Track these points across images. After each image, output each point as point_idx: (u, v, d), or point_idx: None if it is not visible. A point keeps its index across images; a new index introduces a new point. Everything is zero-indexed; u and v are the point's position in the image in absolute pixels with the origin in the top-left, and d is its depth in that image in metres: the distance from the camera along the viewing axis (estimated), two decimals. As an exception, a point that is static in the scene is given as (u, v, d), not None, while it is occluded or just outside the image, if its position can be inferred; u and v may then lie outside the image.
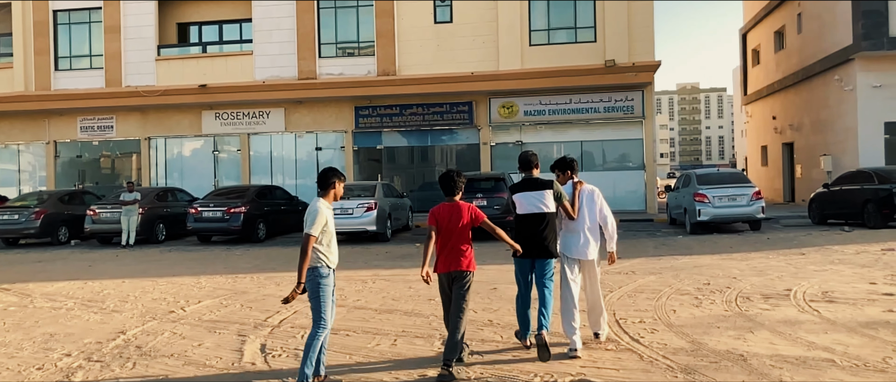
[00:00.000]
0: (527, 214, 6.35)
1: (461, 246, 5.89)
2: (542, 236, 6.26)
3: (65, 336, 7.74)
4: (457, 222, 5.88)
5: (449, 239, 5.89)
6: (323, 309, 5.41)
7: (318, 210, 5.40)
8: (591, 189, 6.65)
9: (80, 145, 28.30)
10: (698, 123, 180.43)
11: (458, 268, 5.87)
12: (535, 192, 6.34)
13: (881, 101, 23.07)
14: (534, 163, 6.54)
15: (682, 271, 11.12)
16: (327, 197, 5.57)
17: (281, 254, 15.84)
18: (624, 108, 24.14)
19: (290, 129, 26.51)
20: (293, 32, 25.41)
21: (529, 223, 6.31)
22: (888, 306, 7.87)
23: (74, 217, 20.08)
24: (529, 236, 6.28)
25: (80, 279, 12.38)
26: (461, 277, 5.88)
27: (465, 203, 6.02)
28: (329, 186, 5.56)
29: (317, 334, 5.38)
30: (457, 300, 5.87)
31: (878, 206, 16.65)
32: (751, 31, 36.28)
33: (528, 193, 6.37)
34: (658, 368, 5.77)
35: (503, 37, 24.19)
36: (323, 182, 5.58)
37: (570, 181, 6.72)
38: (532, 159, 6.57)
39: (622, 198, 23.79)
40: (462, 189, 6.06)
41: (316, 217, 5.37)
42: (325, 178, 5.59)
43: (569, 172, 6.77)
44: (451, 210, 5.93)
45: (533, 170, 6.52)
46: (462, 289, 5.88)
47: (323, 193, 5.58)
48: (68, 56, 27.36)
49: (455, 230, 5.87)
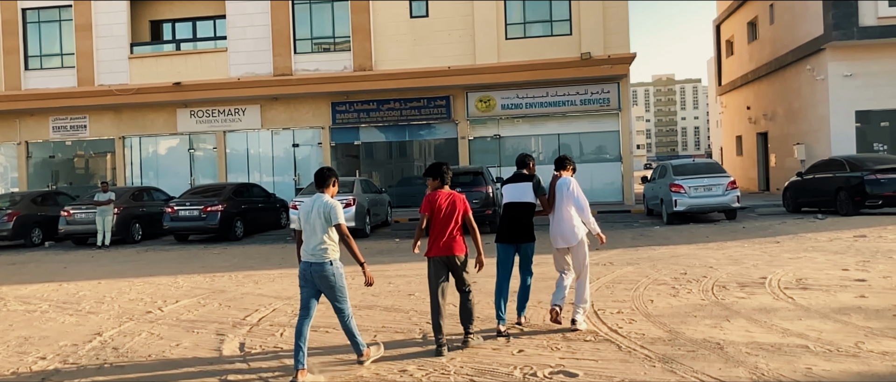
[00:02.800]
0: (512, 202, 7.11)
1: (455, 233, 6.36)
2: (524, 223, 7.05)
3: (39, 339, 7.64)
4: (455, 209, 6.36)
5: (447, 225, 6.32)
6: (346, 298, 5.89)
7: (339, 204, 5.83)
8: (565, 179, 7.14)
9: (52, 146, 27.90)
10: (674, 115, 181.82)
11: (456, 253, 6.34)
12: (520, 184, 7.13)
13: (852, 90, 23.41)
14: (527, 163, 7.31)
15: (659, 261, 11.22)
16: (328, 193, 5.88)
17: (259, 252, 15.76)
18: (600, 100, 24.27)
19: (267, 126, 26.33)
20: (268, 29, 25.21)
21: (514, 210, 7.09)
22: (860, 292, 8.01)
23: (48, 218, 19.80)
24: (514, 222, 7.06)
25: (54, 281, 12.22)
26: (458, 260, 6.36)
27: (460, 194, 6.52)
28: (329, 183, 5.88)
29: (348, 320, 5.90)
30: (460, 282, 6.41)
31: (850, 194, 16.91)
32: (724, 23, 36.62)
33: (515, 184, 7.17)
34: (636, 358, 5.83)
35: (479, 31, 24.19)
36: (324, 181, 5.87)
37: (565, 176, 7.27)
38: (526, 160, 7.35)
39: (600, 190, 23.93)
40: (449, 180, 6.55)
41: (341, 210, 5.79)
42: (326, 176, 5.88)
43: (570, 168, 7.36)
44: (448, 198, 6.39)
45: (524, 169, 7.27)
46: (462, 270, 6.41)
47: (324, 190, 5.87)
48: (39, 55, 26.92)
49: (453, 217, 6.35)
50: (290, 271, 12.17)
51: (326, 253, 5.70)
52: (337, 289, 5.78)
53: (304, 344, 5.67)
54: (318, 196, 5.83)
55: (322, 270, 5.70)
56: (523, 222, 7.03)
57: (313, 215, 5.76)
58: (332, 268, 5.72)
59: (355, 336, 5.94)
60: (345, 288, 5.85)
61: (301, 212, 5.88)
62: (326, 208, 5.73)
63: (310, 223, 5.77)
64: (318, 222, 5.72)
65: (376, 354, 6.04)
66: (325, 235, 5.72)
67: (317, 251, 5.72)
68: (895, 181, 16.49)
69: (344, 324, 5.92)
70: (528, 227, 7.04)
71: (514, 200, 7.09)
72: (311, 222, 5.76)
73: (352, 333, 5.92)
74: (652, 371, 5.46)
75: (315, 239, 5.73)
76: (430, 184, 6.54)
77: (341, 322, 5.93)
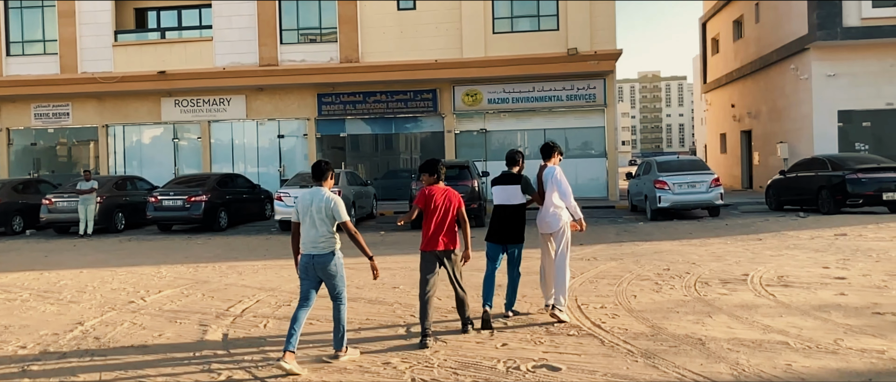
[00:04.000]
0: (501, 204, 7.19)
1: (451, 227, 6.54)
2: (513, 224, 7.12)
3: (20, 328, 7.58)
4: (451, 205, 6.54)
5: (444, 220, 6.49)
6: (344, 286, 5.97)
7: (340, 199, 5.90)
8: (550, 169, 7.28)
9: (34, 133, 27.58)
10: (659, 111, 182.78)
11: (451, 247, 6.53)
12: (510, 186, 7.18)
13: (835, 89, 23.63)
14: (517, 161, 7.32)
15: (642, 257, 11.29)
16: (326, 186, 5.97)
17: (243, 243, 15.69)
18: (586, 96, 24.33)
19: (252, 116, 26.18)
20: (254, 18, 25.03)
21: (503, 212, 7.16)
22: (840, 289, 8.11)
23: (29, 206, 19.57)
24: (504, 223, 7.13)
25: (35, 270, 12.10)
26: (452, 254, 6.55)
27: (455, 191, 6.71)
28: (327, 176, 5.97)
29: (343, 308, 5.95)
30: (453, 275, 6.56)
31: (831, 192, 17.09)
32: (710, 21, 36.81)
33: (504, 186, 7.21)
34: (619, 353, 5.86)
35: (467, 24, 24.16)
36: (322, 173, 5.95)
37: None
38: (516, 157, 7.35)
39: (584, 185, 23.99)
40: (444, 176, 6.74)
41: (343, 206, 5.86)
42: (324, 169, 5.97)
43: (557, 156, 7.42)
44: (444, 194, 6.54)
45: (514, 167, 7.29)
46: (456, 263, 6.59)
47: (322, 182, 5.94)
48: (20, 41, 26.58)
49: (450, 211, 6.52)
50: (274, 262, 12.14)
51: (328, 245, 5.78)
52: (338, 278, 5.87)
53: (299, 329, 5.74)
54: (317, 189, 5.87)
55: (324, 261, 5.78)
56: (513, 224, 7.11)
57: (313, 209, 5.78)
58: (335, 259, 5.82)
59: (342, 329, 5.92)
60: (345, 277, 5.97)
61: (299, 205, 5.88)
62: (328, 203, 5.77)
63: (309, 216, 5.80)
64: (318, 216, 5.76)
65: (353, 355, 5.98)
66: (326, 227, 5.77)
67: (318, 244, 5.77)
68: (876, 181, 16.71)
69: (337, 313, 5.92)
70: (518, 228, 7.13)
71: (504, 202, 7.16)
72: (311, 216, 5.79)
73: (341, 324, 5.91)
74: (634, 366, 5.50)
75: (315, 232, 5.77)
76: (426, 179, 6.65)
77: (335, 310, 5.92)
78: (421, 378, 5.40)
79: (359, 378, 5.46)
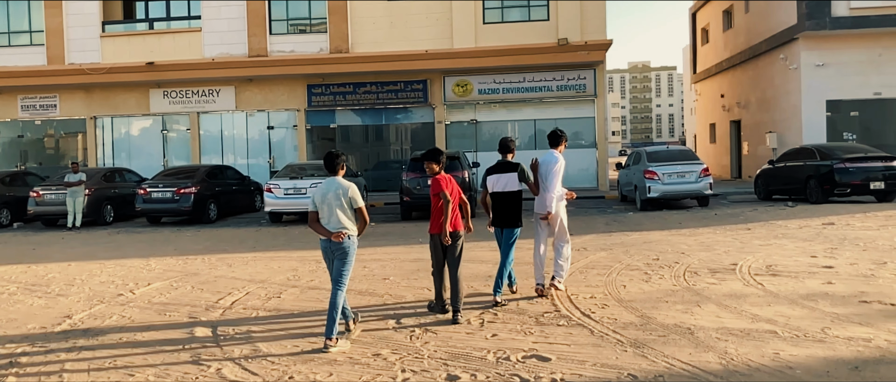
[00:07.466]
0: (498, 192, 7.53)
1: (457, 212, 6.99)
2: (511, 209, 7.51)
3: (7, 322, 7.53)
4: (456, 190, 6.97)
5: (452, 205, 6.87)
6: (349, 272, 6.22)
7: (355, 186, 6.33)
8: (547, 157, 7.71)
9: (21, 125, 27.36)
10: (649, 102, 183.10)
11: (458, 229, 6.98)
12: (506, 174, 7.51)
13: (824, 79, 23.73)
14: (510, 148, 7.68)
15: (632, 246, 11.33)
16: (339, 174, 6.33)
17: (232, 235, 15.64)
18: (576, 86, 24.34)
19: (241, 107, 26.05)
20: (243, 8, 24.88)
21: (501, 199, 7.54)
22: (827, 278, 8.16)
23: (17, 199, 19.42)
24: (500, 209, 7.53)
25: (23, 263, 12.03)
26: (458, 235, 6.97)
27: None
28: (339, 166, 6.33)
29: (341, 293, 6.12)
30: (456, 257, 6.91)
31: (819, 182, 17.18)
32: (700, 11, 36.86)
33: (500, 175, 7.54)
34: (608, 342, 5.89)
35: (457, 15, 24.09)
36: (334, 164, 6.32)
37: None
38: (510, 144, 7.72)
39: (574, 175, 23.99)
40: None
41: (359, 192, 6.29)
42: (336, 159, 6.34)
43: (564, 142, 7.91)
44: (450, 181, 6.95)
45: (508, 154, 7.64)
46: (461, 246, 6.98)
47: (335, 172, 6.31)
48: (6, 32, 26.34)
49: (457, 198, 6.97)
50: (264, 254, 12.11)
51: (347, 229, 6.12)
52: (347, 263, 6.16)
53: (337, 315, 6.01)
54: (332, 179, 6.26)
55: (341, 244, 6.10)
56: (510, 209, 7.51)
57: (330, 196, 6.13)
58: (351, 242, 6.16)
59: (336, 316, 6.00)
60: (354, 260, 6.26)
61: (317, 194, 6.22)
62: (345, 190, 6.15)
63: (327, 204, 6.13)
64: (336, 203, 6.11)
65: (344, 346, 6.00)
66: (344, 214, 6.13)
67: (338, 228, 6.09)
68: (863, 170, 16.82)
69: (334, 298, 6.06)
70: (515, 213, 7.52)
71: (501, 189, 7.51)
72: (329, 203, 6.12)
73: (336, 308, 6.02)
74: (624, 355, 5.52)
75: (335, 218, 6.11)
76: (430, 168, 7.00)
77: (334, 292, 6.08)
78: (411, 369, 5.41)
79: (349, 369, 5.46)
